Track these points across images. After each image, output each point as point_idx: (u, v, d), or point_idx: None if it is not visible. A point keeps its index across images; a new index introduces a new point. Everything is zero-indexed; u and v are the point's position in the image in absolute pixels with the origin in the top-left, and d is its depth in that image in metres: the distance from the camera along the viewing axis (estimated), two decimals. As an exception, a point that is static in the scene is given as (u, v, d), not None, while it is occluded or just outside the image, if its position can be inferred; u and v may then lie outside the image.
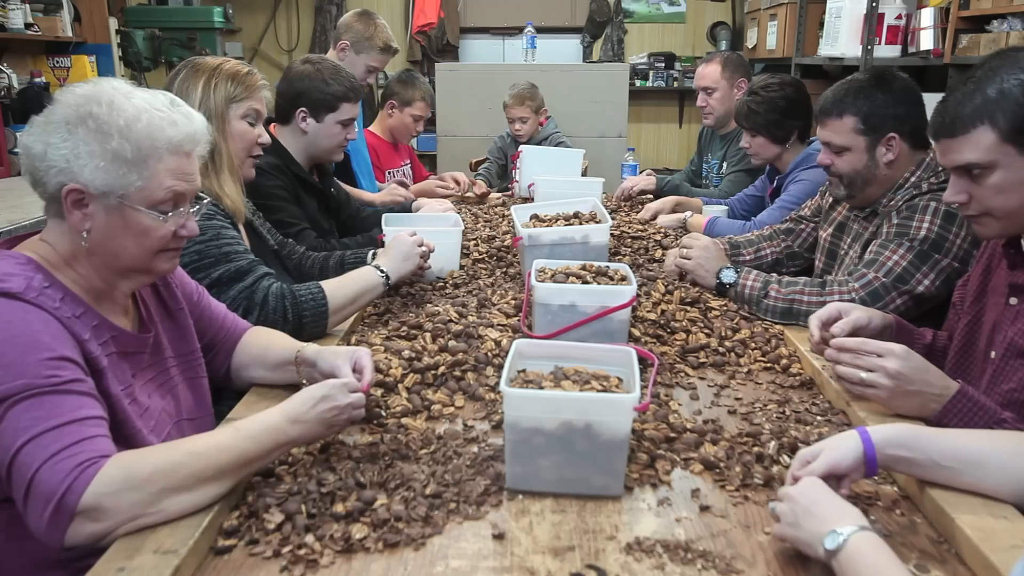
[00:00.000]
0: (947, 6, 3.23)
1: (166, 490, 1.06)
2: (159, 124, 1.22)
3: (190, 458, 1.09)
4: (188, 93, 1.78)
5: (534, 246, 2.04)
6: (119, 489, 1.03)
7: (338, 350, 1.44)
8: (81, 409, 1.08)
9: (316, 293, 1.77)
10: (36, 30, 4.32)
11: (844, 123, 1.95)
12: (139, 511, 1.04)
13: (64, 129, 1.18)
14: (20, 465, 1.03)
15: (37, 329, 1.10)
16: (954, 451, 1.13)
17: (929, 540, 1.11)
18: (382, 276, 1.89)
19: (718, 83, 3.39)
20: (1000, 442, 1.15)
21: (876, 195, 1.99)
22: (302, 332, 1.73)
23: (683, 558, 1.05)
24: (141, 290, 1.38)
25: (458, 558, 1.05)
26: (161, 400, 1.34)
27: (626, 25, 6.75)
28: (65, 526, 1.01)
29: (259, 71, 1.93)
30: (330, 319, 1.78)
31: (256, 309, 1.71)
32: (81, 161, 1.17)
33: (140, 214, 1.22)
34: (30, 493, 1.03)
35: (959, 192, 1.41)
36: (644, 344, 1.73)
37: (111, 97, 1.20)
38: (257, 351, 1.56)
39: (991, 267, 1.55)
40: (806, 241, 2.34)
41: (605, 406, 1.16)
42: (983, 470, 1.12)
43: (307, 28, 6.79)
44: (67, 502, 1.01)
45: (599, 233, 2.09)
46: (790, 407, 1.50)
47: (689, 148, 6.65)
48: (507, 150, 3.96)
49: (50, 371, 1.08)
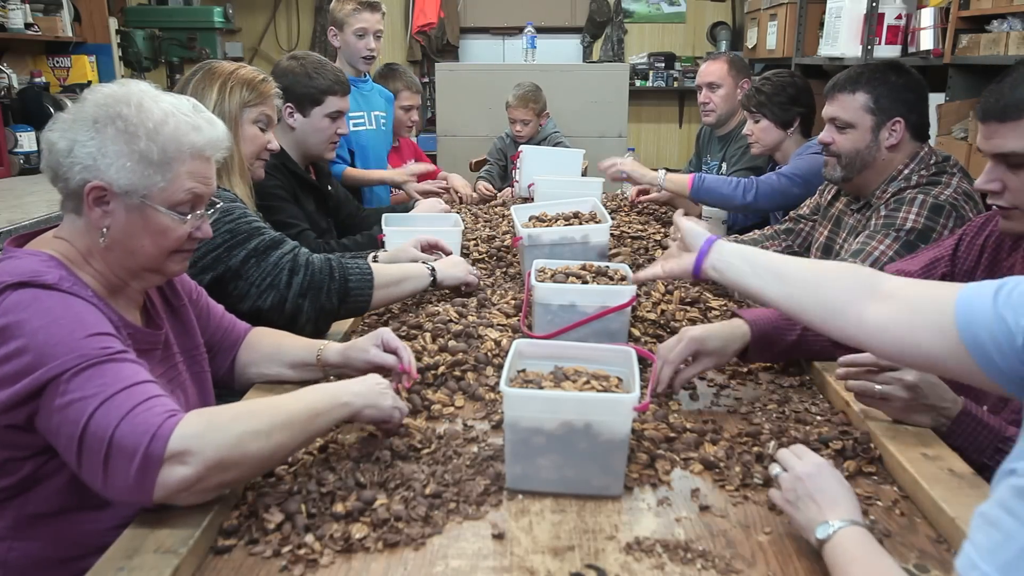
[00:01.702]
0: (947, 6, 3.22)
1: (247, 433, 1.08)
2: (184, 129, 1.25)
3: (264, 406, 1.15)
4: (204, 95, 1.79)
5: (534, 246, 2.04)
6: (203, 431, 1.05)
7: (358, 345, 1.48)
8: (141, 373, 1.12)
9: (362, 264, 1.79)
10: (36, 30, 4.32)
11: (856, 99, 1.97)
12: (224, 453, 1.06)
13: (92, 127, 1.20)
14: (96, 429, 1.04)
15: (80, 311, 1.13)
16: (767, 263, 1.19)
17: (929, 540, 1.11)
18: (430, 275, 1.89)
19: (724, 80, 3.38)
20: (812, 268, 1.19)
21: (871, 182, 2.00)
22: (347, 299, 1.74)
23: (683, 558, 1.05)
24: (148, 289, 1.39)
25: (458, 558, 1.05)
26: (171, 395, 1.34)
27: (626, 25, 6.75)
28: (155, 476, 1.03)
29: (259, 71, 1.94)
30: (375, 294, 1.78)
31: (302, 270, 1.71)
32: (108, 160, 1.19)
33: (160, 214, 1.24)
34: (111, 453, 1.03)
35: (993, 180, 1.37)
36: (644, 344, 1.73)
37: (140, 99, 1.23)
38: (269, 349, 1.57)
39: (999, 261, 1.52)
40: (806, 240, 2.35)
41: (605, 406, 1.16)
42: (786, 286, 1.16)
43: (307, 28, 6.79)
44: (154, 449, 1.02)
45: (599, 233, 2.09)
46: (790, 407, 1.50)
47: (688, 148, 6.65)
48: (507, 151, 3.96)
49: (102, 344, 1.11)
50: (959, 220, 1.81)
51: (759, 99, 2.86)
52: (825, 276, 1.13)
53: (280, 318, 1.71)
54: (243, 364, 1.56)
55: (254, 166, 1.92)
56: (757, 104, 2.87)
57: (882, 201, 1.94)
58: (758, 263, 1.20)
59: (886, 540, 1.10)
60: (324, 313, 1.75)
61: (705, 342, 1.51)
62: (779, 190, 2.71)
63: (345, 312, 1.78)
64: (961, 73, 3.12)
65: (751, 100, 2.90)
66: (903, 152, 1.96)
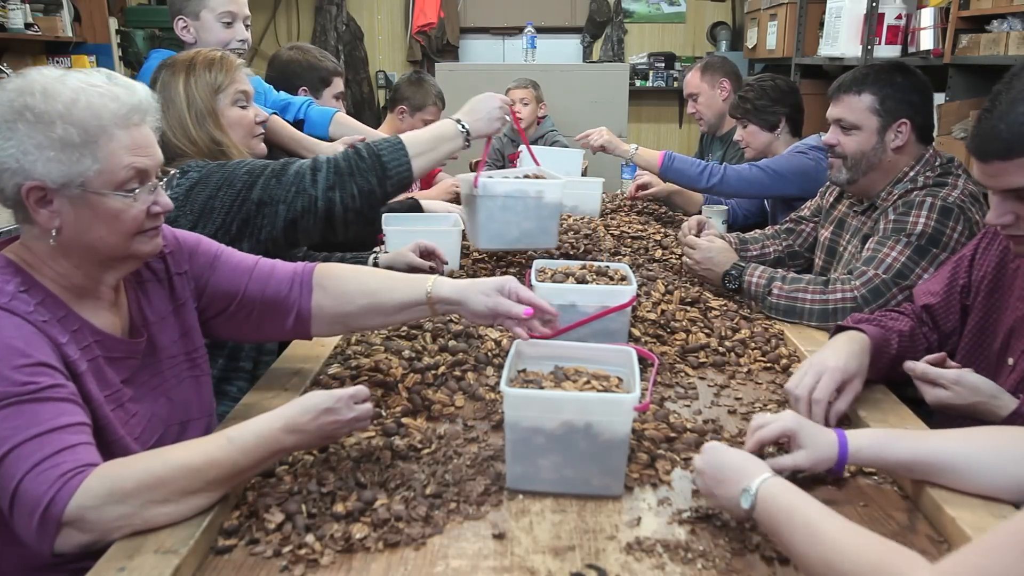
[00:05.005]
0: (947, 6, 3.22)
1: (151, 502, 1.04)
2: (100, 102, 1.16)
3: (176, 472, 1.06)
4: (172, 94, 1.74)
5: (487, 196, 2.05)
6: (102, 503, 1.01)
7: (480, 284, 1.41)
8: (61, 416, 1.06)
9: (389, 138, 1.74)
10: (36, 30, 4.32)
11: (861, 100, 1.96)
12: (124, 522, 1.03)
13: (4, 128, 1.13)
14: (3, 475, 1.02)
15: (10, 335, 1.08)
16: (925, 457, 1.15)
17: (929, 540, 1.11)
18: (462, 130, 1.84)
19: (700, 87, 3.50)
20: (972, 442, 1.15)
21: (876, 184, 2.00)
22: (386, 173, 1.68)
23: (683, 558, 1.05)
24: (139, 288, 1.35)
25: (458, 558, 1.05)
26: (152, 404, 1.31)
27: (626, 25, 6.75)
28: (53, 536, 1.01)
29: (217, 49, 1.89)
30: (413, 162, 1.73)
31: (324, 166, 1.66)
32: (31, 157, 1.12)
33: (106, 198, 1.17)
34: (15, 503, 1.02)
35: (1005, 214, 1.33)
36: (644, 344, 1.74)
37: (43, 85, 1.14)
38: (365, 293, 1.45)
39: (1006, 263, 1.52)
40: (806, 241, 2.35)
41: (605, 406, 1.16)
42: (955, 474, 1.13)
43: (307, 28, 6.78)
44: (51, 513, 1.00)
45: (553, 190, 2.12)
46: (790, 407, 1.49)
47: (689, 148, 6.65)
48: (504, 150, 3.96)
49: (27, 378, 1.05)
50: (967, 223, 1.81)
51: (743, 106, 2.95)
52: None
53: (315, 222, 1.65)
54: (327, 314, 1.46)
55: (251, 144, 1.86)
56: (742, 112, 2.97)
57: (889, 204, 1.93)
58: (895, 433, 1.18)
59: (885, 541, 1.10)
60: (363, 195, 1.68)
61: (846, 369, 1.42)
62: (747, 179, 2.75)
63: (393, 188, 1.71)
64: (961, 73, 3.12)
65: (736, 109, 3.00)
66: (908, 154, 1.95)
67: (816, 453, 1.15)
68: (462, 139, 1.84)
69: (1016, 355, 1.43)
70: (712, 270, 2.08)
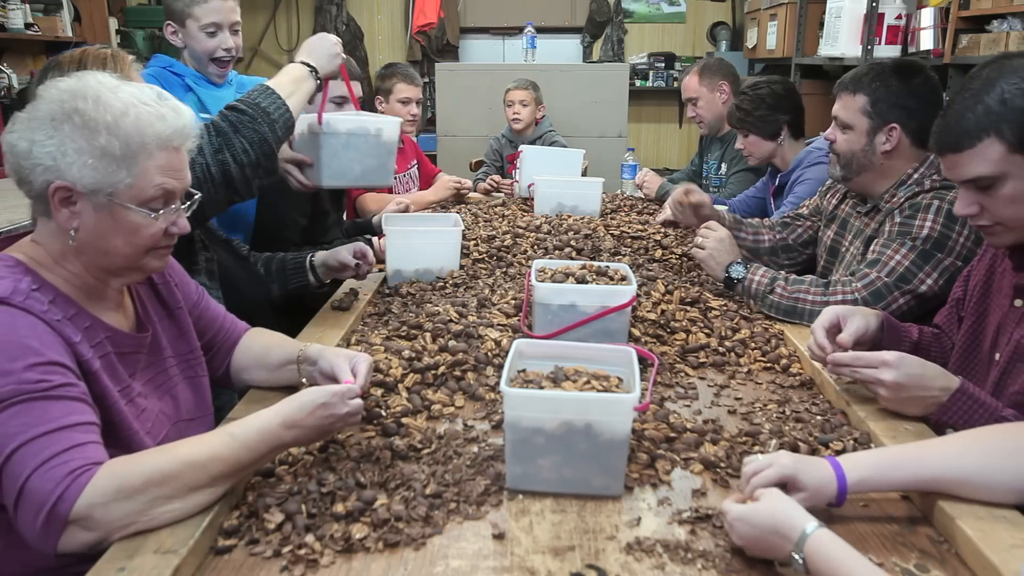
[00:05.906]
0: (947, 6, 3.22)
1: (158, 499, 1.05)
2: (147, 119, 1.18)
3: (183, 468, 1.07)
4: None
5: (331, 134, 2.09)
6: (110, 500, 1.02)
7: (340, 351, 1.43)
8: (71, 415, 1.07)
9: (256, 87, 1.74)
10: (36, 30, 4.33)
11: (855, 100, 1.96)
12: (131, 520, 1.04)
13: (49, 126, 1.14)
14: (11, 472, 1.03)
15: (25, 334, 1.09)
16: (926, 480, 1.14)
17: (929, 540, 1.11)
18: (311, 71, 1.84)
19: (698, 91, 3.51)
20: (967, 456, 1.14)
21: (873, 184, 1.99)
22: (271, 117, 1.69)
23: (683, 558, 1.05)
24: (139, 288, 1.37)
25: (458, 558, 1.05)
26: (159, 401, 1.33)
27: (626, 25, 6.75)
28: (58, 534, 1.01)
29: (106, 46, 1.85)
30: (288, 102, 1.74)
31: (204, 132, 1.60)
32: (68, 159, 1.14)
33: (130, 212, 1.19)
34: (21, 500, 1.02)
35: (970, 204, 1.39)
36: (644, 344, 1.73)
37: (97, 92, 1.17)
38: (259, 351, 1.55)
39: (995, 267, 1.54)
40: (801, 237, 2.34)
41: (605, 406, 1.16)
42: (956, 490, 1.13)
43: (307, 28, 6.78)
44: (59, 511, 1.00)
45: (391, 127, 2.20)
46: (790, 407, 1.50)
47: (689, 148, 6.65)
48: (503, 151, 3.95)
49: (39, 376, 1.06)
50: (974, 227, 1.80)
51: (740, 116, 2.91)
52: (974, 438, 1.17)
53: (215, 189, 1.64)
54: (237, 368, 1.55)
55: None
56: (739, 122, 2.92)
57: (895, 206, 1.92)
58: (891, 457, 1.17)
59: (886, 540, 1.11)
60: (256, 145, 1.67)
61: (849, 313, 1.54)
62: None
63: (282, 131, 1.73)
64: (961, 73, 3.12)
65: (733, 118, 2.95)
66: (903, 158, 1.94)
67: (815, 495, 1.12)
68: (313, 79, 1.86)
69: (1002, 349, 1.45)
70: (718, 261, 2.07)
